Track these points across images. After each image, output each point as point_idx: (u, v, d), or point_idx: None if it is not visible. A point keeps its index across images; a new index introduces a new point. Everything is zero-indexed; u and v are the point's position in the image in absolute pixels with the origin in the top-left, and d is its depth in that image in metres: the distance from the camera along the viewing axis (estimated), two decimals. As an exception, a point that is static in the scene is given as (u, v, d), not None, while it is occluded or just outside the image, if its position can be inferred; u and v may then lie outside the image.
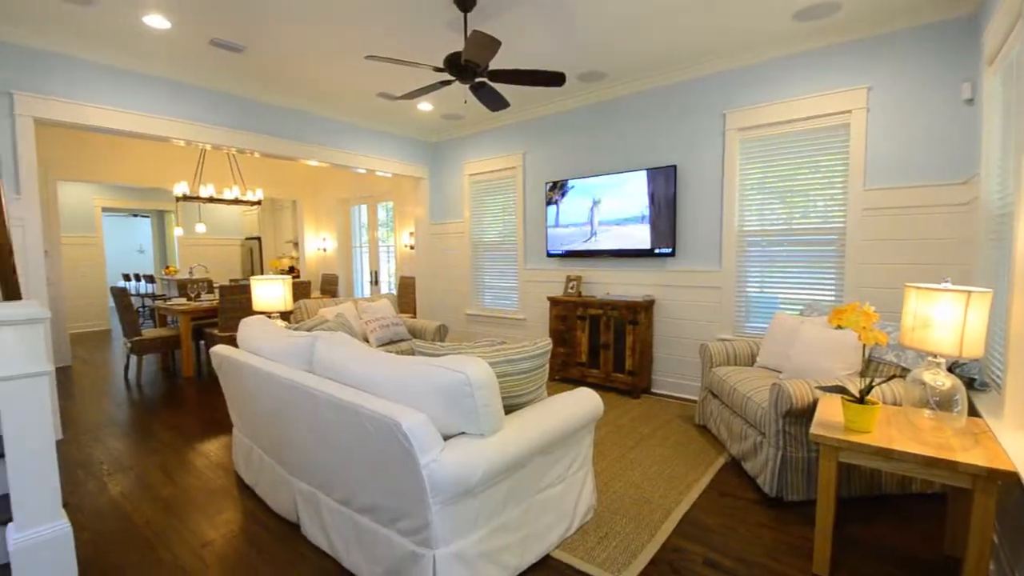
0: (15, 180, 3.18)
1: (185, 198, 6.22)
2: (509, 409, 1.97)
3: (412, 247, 6.85)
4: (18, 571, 1.46)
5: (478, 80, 3.00)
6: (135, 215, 11.30)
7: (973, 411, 2.12)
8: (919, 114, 3.08)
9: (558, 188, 4.79)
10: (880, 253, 3.24)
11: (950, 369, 2.30)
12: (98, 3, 2.92)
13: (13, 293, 1.67)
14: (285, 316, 4.64)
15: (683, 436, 3.28)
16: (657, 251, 4.18)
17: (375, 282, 8.19)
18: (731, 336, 3.88)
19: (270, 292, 3.57)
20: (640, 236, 4.26)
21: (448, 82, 3.02)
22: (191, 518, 2.36)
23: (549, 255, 4.92)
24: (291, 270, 9.15)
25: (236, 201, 6.63)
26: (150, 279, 9.16)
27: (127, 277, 9.82)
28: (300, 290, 6.09)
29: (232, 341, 4.89)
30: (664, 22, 3.19)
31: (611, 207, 4.42)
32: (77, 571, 1.59)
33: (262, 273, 9.89)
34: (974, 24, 2.85)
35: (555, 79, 2.96)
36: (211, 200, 6.37)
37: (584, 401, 2.13)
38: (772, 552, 2.04)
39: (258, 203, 6.97)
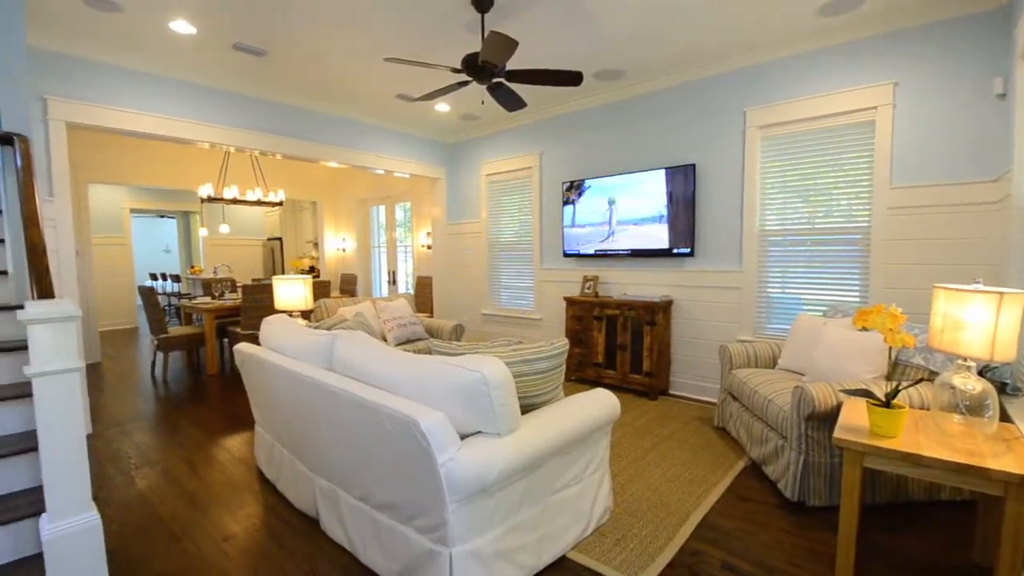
0: (48, 183, 3.30)
1: (210, 199, 6.37)
2: (526, 409, 1.97)
3: (429, 247, 6.90)
4: (50, 561, 1.51)
5: (495, 81, 3.01)
6: (162, 216, 11.61)
7: (1005, 416, 2.05)
8: (948, 110, 2.99)
9: (575, 188, 4.77)
10: (907, 253, 3.16)
11: (980, 373, 2.22)
12: (126, 10, 3.01)
13: (47, 292, 1.73)
14: (306, 315, 4.72)
15: (702, 439, 3.24)
16: (675, 251, 4.13)
17: (393, 282, 8.27)
18: (751, 338, 3.82)
19: (291, 291, 3.63)
20: (658, 236, 4.22)
21: (465, 83, 3.04)
22: (214, 512, 2.42)
23: (565, 255, 4.91)
24: (311, 270, 9.30)
25: (258, 202, 6.76)
26: (176, 278, 9.41)
27: (154, 276, 10.09)
28: (320, 289, 6.18)
29: (254, 339, 4.99)
30: (684, 18, 3.15)
31: (628, 207, 4.39)
32: (106, 562, 1.64)
33: (283, 273, 10.07)
34: (1006, 16, 2.76)
35: (572, 78, 2.95)
36: (235, 201, 6.51)
37: (601, 402, 2.12)
38: (793, 558, 2.00)
39: (280, 204, 7.09)
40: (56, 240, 3.29)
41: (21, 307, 1.91)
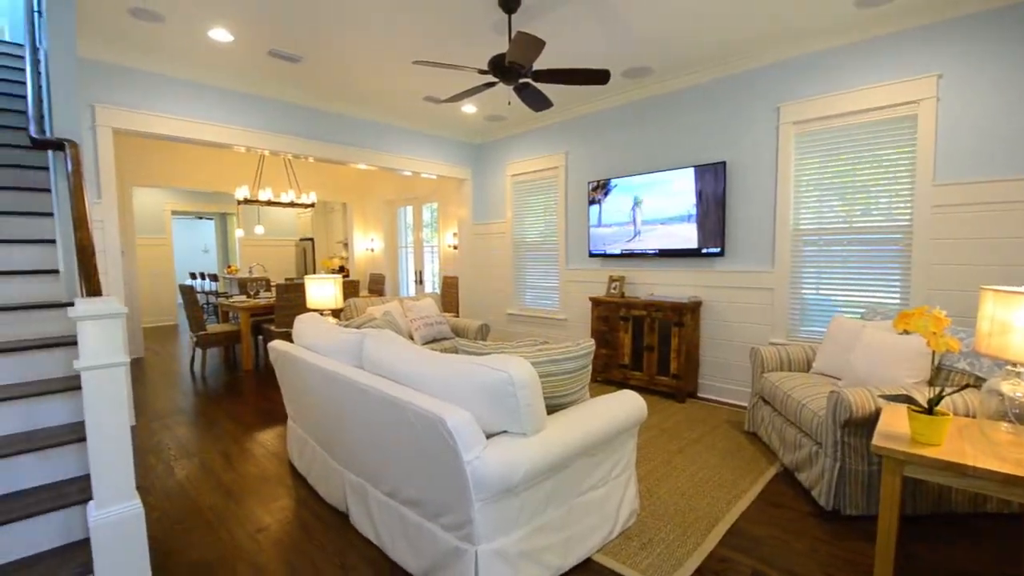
0: (96, 186, 3.47)
1: (246, 201, 6.59)
2: (552, 409, 1.97)
3: (455, 247, 6.96)
4: (97, 545, 1.59)
5: (522, 81, 3.01)
6: (200, 218, 12.04)
7: (1060, 426, 1.94)
8: (996, 103, 2.84)
9: (601, 187, 4.73)
10: (952, 253, 3.01)
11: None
12: (168, 20, 3.14)
13: (95, 290, 1.81)
14: (336, 314, 4.82)
15: (731, 443, 3.17)
16: (704, 251, 4.05)
17: (419, 281, 8.37)
18: (784, 340, 3.71)
19: (322, 291, 3.72)
20: (686, 235, 4.15)
21: (492, 84, 3.05)
22: (249, 503, 2.50)
23: (591, 255, 4.87)
24: (341, 269, 9.49)
25: (291, 204, 6.96)
26: (214, 277, 9.75)
27: (193, 275, 10.48)
28: (349, 289, 6.31)
29: (288, 337, 5.13)
30: (715, 13, 3.09)
31: (656, 206, 4.32)
32: (148, 548, 1.71)
33: (315, 272, 10.32)
34: (1064, 2, 2.60)
35: (599, 77, 2.93)
36: (269, 203, 6.72)
37: (627, 404, 2.10)
38: (827, 568, 1.94)
39: (311, 206, 7.28)
40: (103, 241, 3.46)
41: (71, 304, 2.02)
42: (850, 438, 2.23)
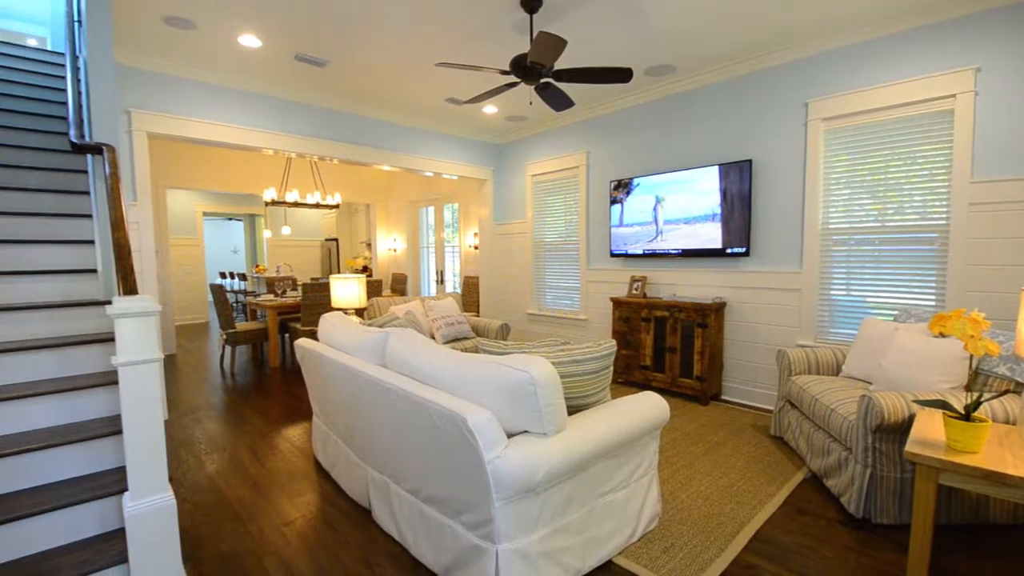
0: (132, 188, 3.60)
1: (273, 203, 6.74)
2: (573, 410, 1.96)
3: (476, 247, 6.99)
4: (131, 535, 1.65)
5: (544, 81, 3.01)
6: (230, 219, 12.38)
7: (1110, 435, 1.84)
8: (1043, 96, 2.72)
9: (623, 187, 4.69)
10: (991, 253, 2.89)
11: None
12: (200, 27, 3.24)
13: (132, 289, 1.88)
14: (359, 312, 4.90)
15: (757, 447, 3.11)
16: (729, 251, 3.98)
17: (440, 281, 8.44)
18: (812, 342, 3.62)
19: (347, 290, 3.78)
20: (711, 235, 4.08)
21: (514, 84, 3.06)
22: (275, 497, 2.56)
23: (612, 255, 4.84)
24: (364, 269, 9.64)
25: (317, 205, 7.09)
26: (243, 277, 10.01)
27: (223, 275, 10.78)
28: (372, 288, 6.40)
29: (313, 335, 5.23)
30: (739, 8, 3.04)
31: (679, 205, 4.27)
32: (179, 539, 1.77)
33: (339, 272, 10.49)
34: (1116, -11, 2.47)
35: (622, 75, 2.90)
36: (296, 204, 6.87)
37: (650, 405, 2.07)
38: (857, 577, 1.88)
39: (336, 207, 7.40)
40: (138, 241, 3.58)
41: (109, 302, 2.10)
42: (882, 444, 2.16)
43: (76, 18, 3.00)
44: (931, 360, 2.38)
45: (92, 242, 2.67)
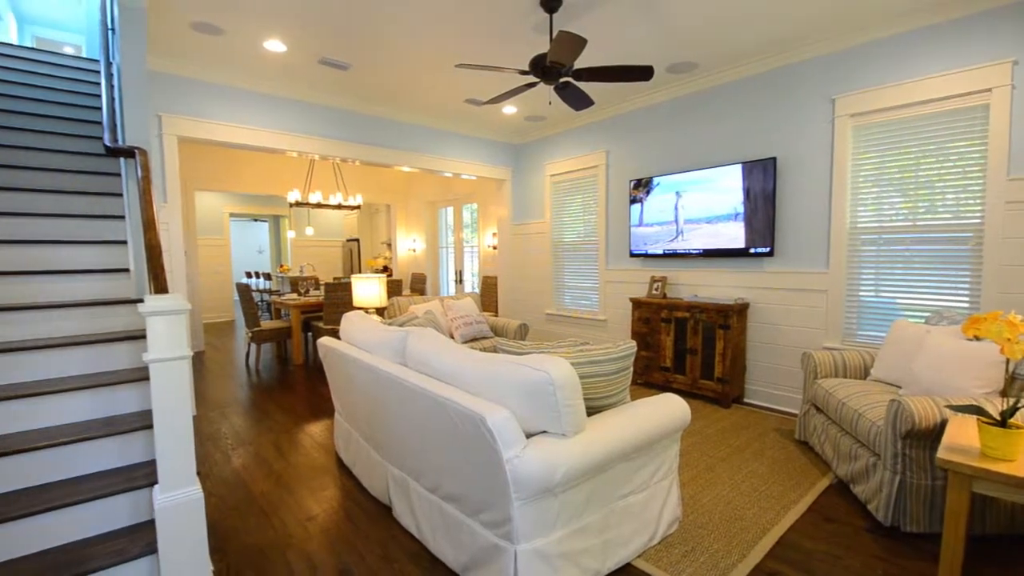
0: (162, 190, 3.71)
1: (297, 204, 6.87)
2: (592, 411, 1.95)
3: (495, 247, 7.00)
4: (161, 526, 1.70)
5: (563, 80, 3.00)
6: (255, 220, 12.65)
7: None
8: (1087, 89, 2.60)
9: (643, 186, 4.65)
10: (1031, 253, 2.78)
11: None
12: (226, 33, 3.32)
13: (162, 288, 1.94)
14: (380, 312, 4.95)
15: (780, 452, 3.05)
16: (752, 251, 3.91)
17: (459, 281, 8.48)
18: (839, 345, 3.53)
19: (368, 289, 3.83)
20: (733, 234, 4.01)
21: (533, 84, 3.05)
22: (298, 492, 2.61)
23: (632, 255, 4.79)
24: (385, 269, 9.74)
25: (339, 206, 7.20)
26: (267, 276, 10.22)
27: (249, 274, 11.03)
28: (393, 288, 6.47)
29: (335, 333, 5.31)
30: (767, 3, 2.98)
31: (701, 204, 4.20)
32: (206, 531, 1.82)
33: (360, 272, 10.64)
34: None
35: (643, 73, 2.87)
36: (318, 205, 6.99)
37: (670, 407, 2.05)
38: (885, 586, 1.83)
39: (358, 207, 7.50)
40: (168, 241, 3.69)
41: (141, 301, 2.16)
42: (912, 450, 2.10)
43: (110, 26, 3.10)
44: (964, 364, 2.30)
45: (124, 242, 2.76)
